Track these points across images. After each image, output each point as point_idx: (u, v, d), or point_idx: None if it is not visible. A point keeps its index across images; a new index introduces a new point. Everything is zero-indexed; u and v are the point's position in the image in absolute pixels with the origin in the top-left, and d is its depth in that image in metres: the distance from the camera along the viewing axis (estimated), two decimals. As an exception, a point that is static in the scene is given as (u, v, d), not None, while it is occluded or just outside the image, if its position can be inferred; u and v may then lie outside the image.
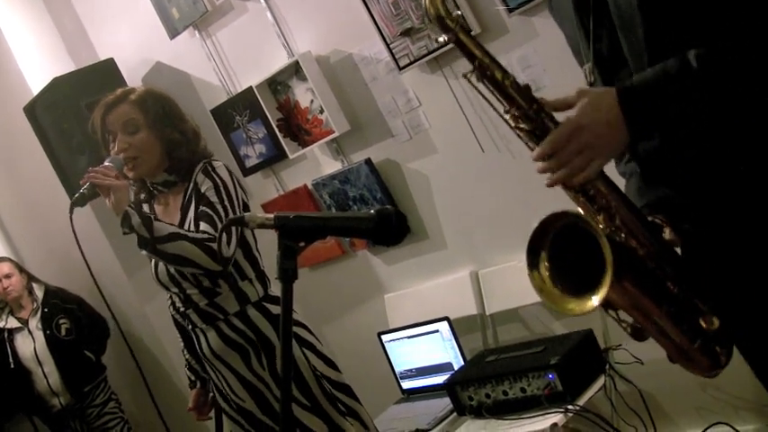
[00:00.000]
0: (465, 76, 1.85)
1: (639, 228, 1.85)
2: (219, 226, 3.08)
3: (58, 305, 5.37)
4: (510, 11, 3.83)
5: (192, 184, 3.24)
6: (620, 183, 2.11)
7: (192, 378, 3.58)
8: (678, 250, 1.94)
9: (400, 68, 4.27)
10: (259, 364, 3.24)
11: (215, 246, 3.02)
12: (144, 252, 3.10)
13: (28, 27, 5.57)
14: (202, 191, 3.18)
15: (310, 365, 3.29)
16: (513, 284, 4.26)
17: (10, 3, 5.53)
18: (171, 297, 3.39)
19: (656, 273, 1.85)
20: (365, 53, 4.44)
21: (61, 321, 5.36)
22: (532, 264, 1.89)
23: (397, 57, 4.24)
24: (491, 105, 1.87)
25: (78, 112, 4.90)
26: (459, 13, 1.88)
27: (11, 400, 5.38)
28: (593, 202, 1.84)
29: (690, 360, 1.90)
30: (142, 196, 3.40)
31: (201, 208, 3.15)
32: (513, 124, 1.86)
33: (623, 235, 1.83)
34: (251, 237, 3.30)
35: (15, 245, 6.30)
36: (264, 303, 3.27)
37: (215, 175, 3.22)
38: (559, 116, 1.84)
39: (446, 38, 1.85)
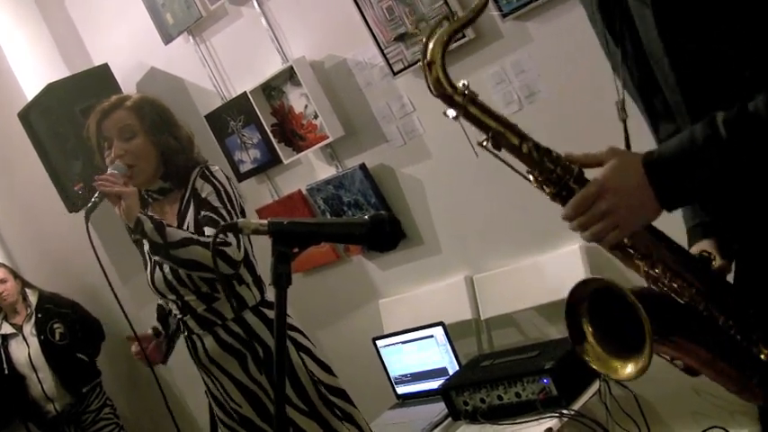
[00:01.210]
0: (480, 144, 1.80)
1: (685, 267, 1.78)
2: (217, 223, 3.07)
3: (52, 310, 5.36)
4: (504, 16, 3.83)
5: (189, 190, 3.24)
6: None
7: (159, 328, 3.50)
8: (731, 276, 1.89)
9: (394, 74, 4.27)
10: (256, 369, 3.23)
11: (228, 250, 3.01)
12: (156, 258, 3.11)
13: (22, 33, 5.57)
14: (203, 196, 3.18)
15: (307, 370, 3.29)
16: (508, 289, 4.27)
17: (4, 8, 5.53)
18: (159, 306, 3.42)
19: (706, 314, 1.78)
20: (359, 58, 4.44)
21: (55, 326, 5.35)
22: (577, 339, 1.81)
23: (391, 62, 4.25)
24: (513, 168, 1.82)
25: (73, 118, 4.90)
26: (465, 83, 1.78)
27: (6, 406, 5.37)
28: (633, 250, 1.76)
29: (752, 394, 1.85)
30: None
31: (204, 213, 3.14)
32: (536, 186, 1.78)
33: (667, 279, 1.77)
34: (247, 242, 3.28)
35: (9, 250, 6.29)
36: (261, 308, 3.27)
37: (215, 180, 3.22)
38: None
39: (455, 114, 1.79)
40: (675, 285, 1.77)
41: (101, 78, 5.15)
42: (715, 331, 1.79)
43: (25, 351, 5.31)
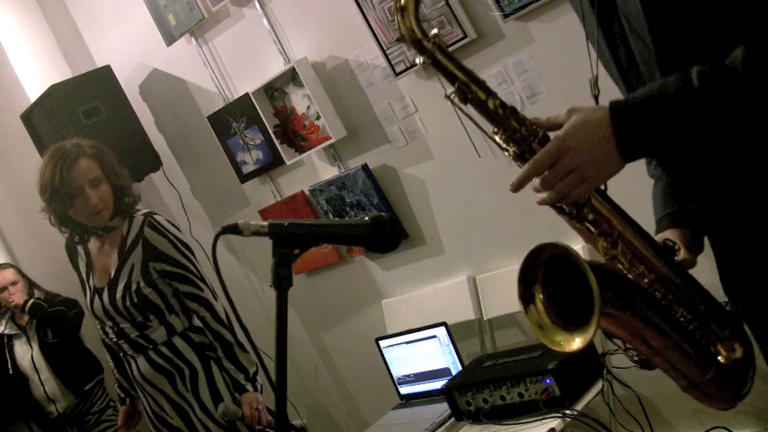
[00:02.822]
0: (447, 96, 1.74)
1: (647, 252, 1.77)
2: (204, 287, 3.61)
3: (43, 308, 5.31)
4: (505, 16, 3.83)
5: (134, 234, 3.58)
6: (647, 184, 2.10)
7: (122, 395, 3.93)
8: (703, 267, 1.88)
9: (396, 74, 4.27)
10: (184, 387, 3.63)
11: (227, 335, 3.60)
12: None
13: (25, 34, 5.58)
14: (160, 248, 3.56)
15: (231, 391, 3.66)
16: (511, 289, 4.21)
17: (7, 10, 5.53)
18: (103, 327, 3.71)
19: (663, 301, 1.78)
20: (361, 59, 4.44)
21: (48, 327, 5.34)
22: (527, 299, 1.80)
23: (393, 63, 4.25)
24: (479, 127, 1.78)
25: (75, 119, 4.91)
26: (436, 32, 1.75)
27: (9, 406, 5.37)
28: (594, 226, 1.76)
29: (702, 392, 1.83)
30: (76, 238, 3.69)
31: (177, 285, 3.60)
32: (503, 146, 1.75)
33: (627, 261, 1.76)
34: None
35: (13, 250, 6.29)
36: (189, 333, 3.66)
37: (166, 232, 3.60)
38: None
39: (423, 59, 1.74)
40: (635, 269, 1.77)
41: (103, 80, 5.16)
42: (671, 321, 1.78)
43: (29, 352, 5.32)
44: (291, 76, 4.68)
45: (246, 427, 3.61)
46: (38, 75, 5.46)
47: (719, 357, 1.81)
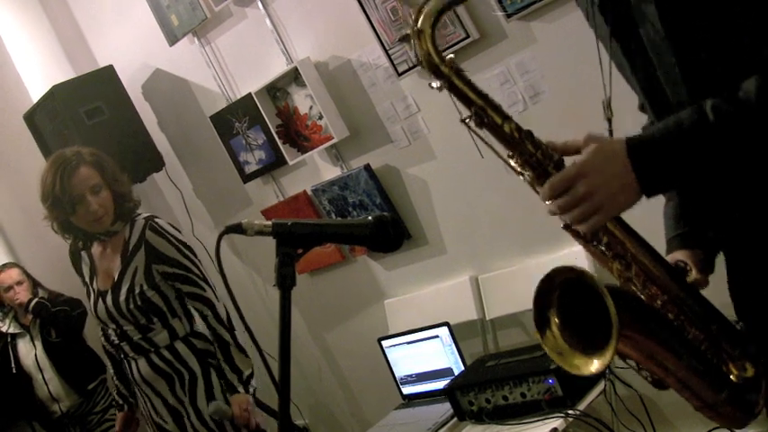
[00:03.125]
0: (463, 121, 1.76)
1: (660, 274, 1.77)
2: (207, 287, 3.65)
3: (47, 308, 5.32)
4: (508, 16, 3.83)
5: (136, 238, 3.62)
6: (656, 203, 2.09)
7: (120, 402, 3.95)
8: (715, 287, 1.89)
9: (399, 74, 4.28)
10: (182, 391, 3.66)
11: (226, 335, 3.62)
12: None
13: (27, 34, 5.58)
14: (161, 251, 3.60)
15: (227, 399, 3.65)
16: (513, 289, 4.26)
17: (9, 10, 5.54)
18: (105, 331, 3.75)
19: (675, 322, 1.78)
20: (364, 59, 4.44)
21: (51, 327, 5.35)
22: (542, 324, 1.79)
23: (395, 62, 4.25)
24: (493, 150, 1.81)
25: (78, 119, 4.92)
26: (452, 56, 1.76)
27: (12, 405, 5.38)
28: (608, 249, 1.77)
29: (716, 412, 1.83)
30: (80, 244, 3.74)
31: (179, 286, 3.63)
32: (518, 170, 1.77)
33: (640, 283, 1.77)
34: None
35: (15, 250, 6.29)
36: (190, 338, 3.70)
37: (167, 234, 3.64)
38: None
39: (439, 84, 1.75)
40: (648, 290, 1.77)
41: (106, 80, 5.17)
42: (684, 342, 1.78)
43: (32, 351, 5.32)
44: (294, 76, 4.68)
45: (234, 428, 3.64)
46: (41, 75, 5.47)
47: (731, 377, 1.80)
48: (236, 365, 3.60)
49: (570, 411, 3.52)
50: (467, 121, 1.77)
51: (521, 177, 1.77)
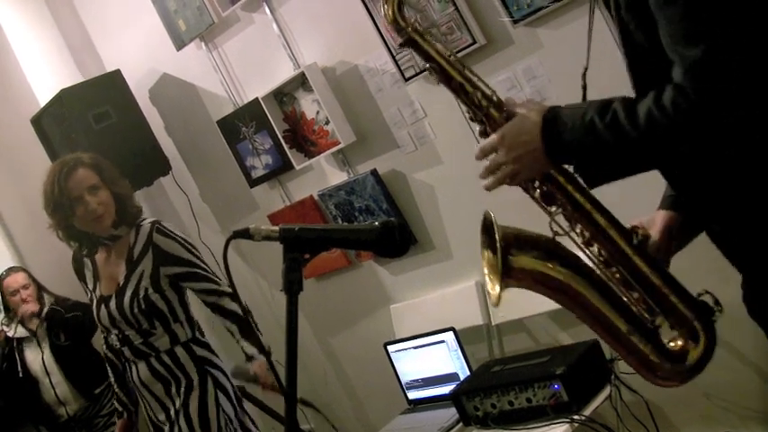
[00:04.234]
0: (425, 69, 2.11)
1: (605, 235, 2.00)
2: (215, 283, 3.66)
3: (59, 313, 5.35)
4: (515, 22, 3.84)
5: (142, 242, 3.63)
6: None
7: (120, 409, 3.94)
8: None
9: (406, 80, 4.28)
10: (177, 395, 3.65)
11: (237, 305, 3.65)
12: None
13: (35, 39, 5.60)
14: (170, 252, 3.62)
15: (219, 408, 3.66)
16: (519, 295, 4.23)
17: (18, 14, 5.56)
18: (107, 337, 3.76)
19: (610, 281, 2.02)
20: (371, 64, 4.45)
21: (61, 330, 5.36)
22: (487, 246, 2.13)
23: (402, 68, 4.26)
24: (464, 115, 2.12)
25: (85, 124, 4.93)
26: (417, 17, 2.02)
27: (19, 409, 5.38)
28: (550, 201, 2.03)
29: (643, 362, 2.04)
30: (84, 251, 3.75)
31: (191, 285, 3.67)
32: (469, 119, 2.08)
33: (583, 240, 2.02)
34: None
35: (23, 255, 6.31)
36: (191, 344, 3.69)
37: (175, 236, 3.66)
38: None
39: (400, 40, 2.05)
40: (592, 249, 2.03)
41: (113, 84, 5.18)
42: (610, 297, 2.04)
43: (39, 355, 5.33)
44: (301, 81, 4.69)
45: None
46: (48, 79, 5.48)
47: (675, 346, 1.99)
48: (258, 341, 3.63)
49: (576, 417, 3.52)
50: (427, 69, 2.08)
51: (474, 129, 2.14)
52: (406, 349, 4.47)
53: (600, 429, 3.62)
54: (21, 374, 5.32)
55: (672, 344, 2.00)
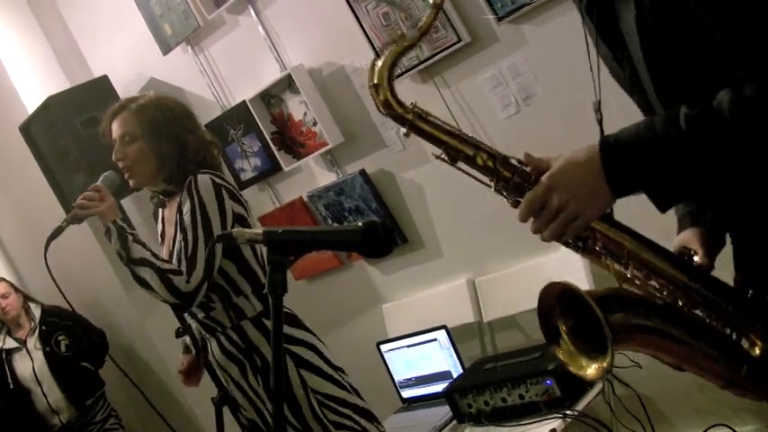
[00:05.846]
0: (438, 157, 1.84)
1: (662, 265, 1.78)
2: (183, 256, 3.09)
3: (56, 322, 5.36)
4: (499, 19, 3.84)
5: (181, 198, 3.21)
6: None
7: (190, 347, 3.49)
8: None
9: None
10: (255, 379, 3.23)
11: (174, 279, 3.05)
12: None
13: (22, 46, 5.59)
14: (184, 211, 3.16)
15: (304, 385, 3.20)
16: (510, 292, 4.27)
17: (3, 22, 5.55)
18: (175, 314, 3.39)
19: (685, 308, 1.79)
20: (357, 65, 4.45)
21: (60, 338, 5.35)
22: (552, 336, 1.85)
23: (388, 68, 4.25)
24: (474, 178, 1.90)
25: (74, 130, 4.92)
26: (414, 102, 1.83)
27: (10, 421, 5.37)
28: (603, 253, 1.80)
29: (740, 388, 1.84)
30: (155, 201, 3.44)
31: (178, 236, 3.17)
32: (497, 192, 1.86)
33: (642, 278, 1.78)
34: (249, 250, 3.28)
35: (14, 263, 6.31)
36: (262, 319, 3.26)
37: (194, 194, 3.15)
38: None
39: (405, 131, 1.84)
40: (652, 284, 1.78)
41: (101, 90, 5.16)
42: (693, 328, 1.79)
43: (30, 365, 5.31)
44: (288, 83, 4.69)
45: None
46: (35, 86, 5.47)
47: (755, 350, 1.80)
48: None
49: (569, 412, 3.54)
50: (440, 157, 1.86)
51: (508, 201, 1.85)
52: (398, 348, 4.48)
53: (593, 424, 3.64)
54: (11, 386, 5.30)
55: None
